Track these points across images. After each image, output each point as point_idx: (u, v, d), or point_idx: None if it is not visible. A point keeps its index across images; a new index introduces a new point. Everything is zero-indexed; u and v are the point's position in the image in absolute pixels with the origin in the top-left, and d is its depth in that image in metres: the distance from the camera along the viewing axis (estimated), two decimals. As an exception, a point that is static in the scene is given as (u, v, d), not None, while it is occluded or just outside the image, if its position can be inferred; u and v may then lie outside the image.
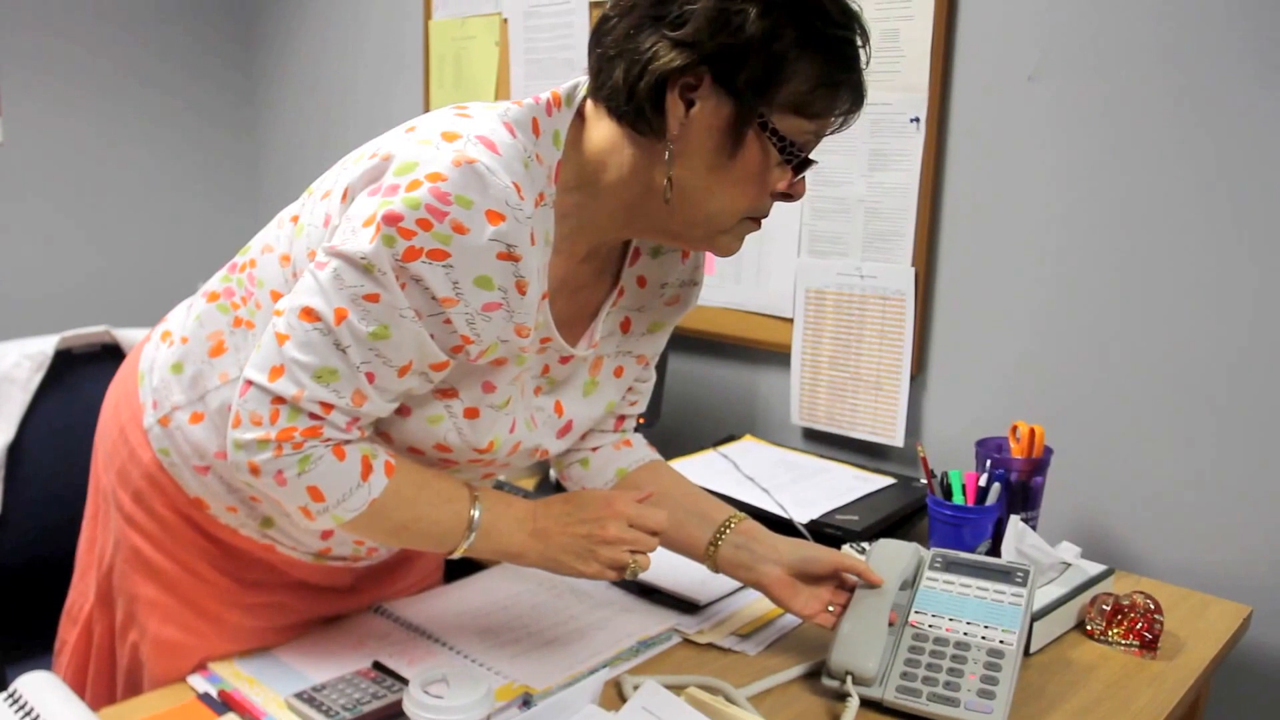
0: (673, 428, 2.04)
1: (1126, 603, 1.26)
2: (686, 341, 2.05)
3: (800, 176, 1.00)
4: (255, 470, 0.95)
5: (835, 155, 1.78)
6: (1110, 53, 1.51)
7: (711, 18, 0.90)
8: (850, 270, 1.80)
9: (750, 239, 1.06)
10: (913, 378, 1.76)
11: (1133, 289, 1.53)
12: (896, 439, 1.79)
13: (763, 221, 1.04)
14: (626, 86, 0.94)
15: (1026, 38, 1.58)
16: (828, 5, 0.93)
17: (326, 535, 1.16)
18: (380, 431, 1.05)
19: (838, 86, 0.95)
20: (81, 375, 1.69)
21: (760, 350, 1.96)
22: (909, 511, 1.62)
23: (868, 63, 0.97)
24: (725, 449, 1.86)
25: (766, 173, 0.97)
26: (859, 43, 0.96)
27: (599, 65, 0.98)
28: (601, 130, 0.99)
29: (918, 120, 1.68)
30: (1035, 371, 1.64)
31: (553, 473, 1.72)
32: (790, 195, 1.02)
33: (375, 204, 0.90)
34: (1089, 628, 1.28)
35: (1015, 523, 1.37)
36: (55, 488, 1.11)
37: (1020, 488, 1.46)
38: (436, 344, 0.95)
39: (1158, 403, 1.53)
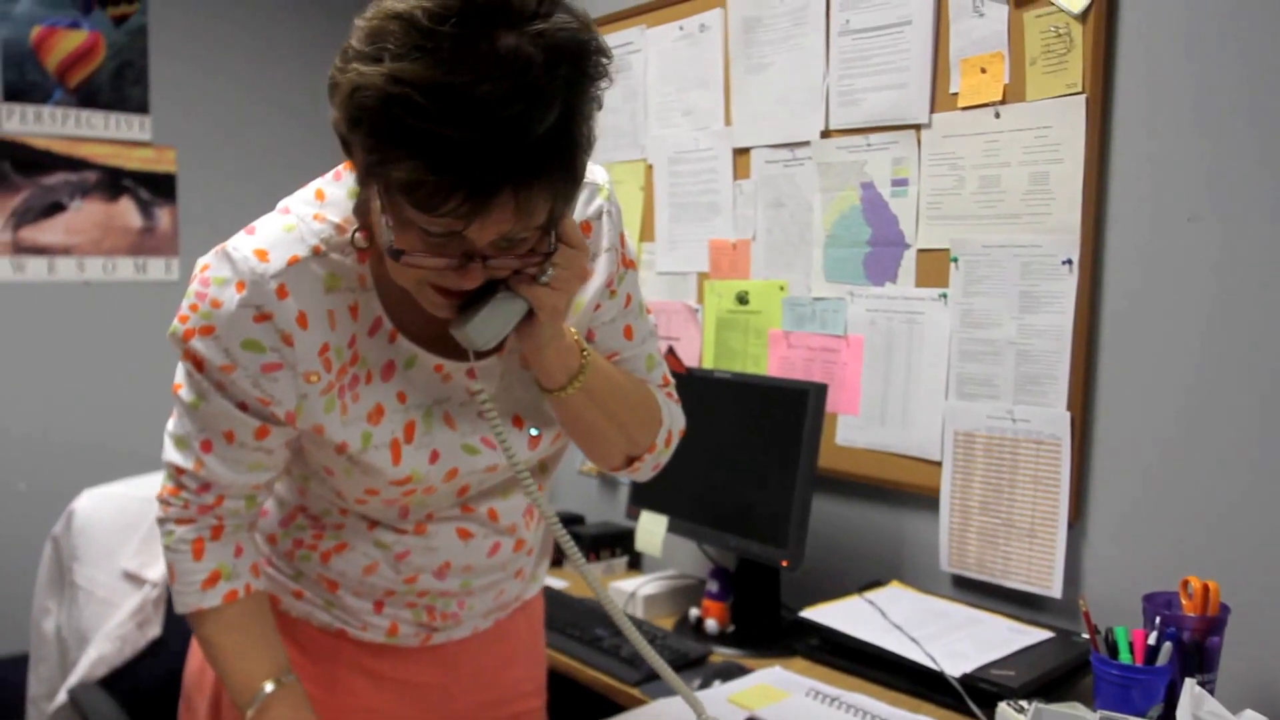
0: (816, 571, 1.99)
1: (1324, 782, 1.15)
2: (830, 483, 2.01)
3: (449, 262, 0.90)
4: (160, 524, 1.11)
5: (985, 298, 1.76)
6: (1275, 191, 1.46)
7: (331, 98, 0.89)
8: (1001, 413, 1.75)
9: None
10: (1070, 525, 1.68)
11: (1312, 437, 1.44)
12: (1054, 590, 1.70)
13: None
14: None
15: (1185, 177, 1.55)
16: (418, 97, 0.81)
17: (379, 608, 1.19)
18: (337, 492, 1.12)
19: (421, 186, 0.83)
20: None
21: (906, 493, 1.91)
22: (1070, 668, 1.54)
23: (517, 159, 0.83)
24: (871, 595, 1.81)
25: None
26: (473, 137, 0.81)
27: None
28: None
29: (1070, 262, 1.65)
30: (1207, 522, 1.55)
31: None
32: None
33: None
34: (1281, 808, 1.17)
35: (1191, 686, 1.27)
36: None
37: (1194, 648, 1.36)
38: (250, 414, 1.03)
39: (1347, 560, 1.42)
